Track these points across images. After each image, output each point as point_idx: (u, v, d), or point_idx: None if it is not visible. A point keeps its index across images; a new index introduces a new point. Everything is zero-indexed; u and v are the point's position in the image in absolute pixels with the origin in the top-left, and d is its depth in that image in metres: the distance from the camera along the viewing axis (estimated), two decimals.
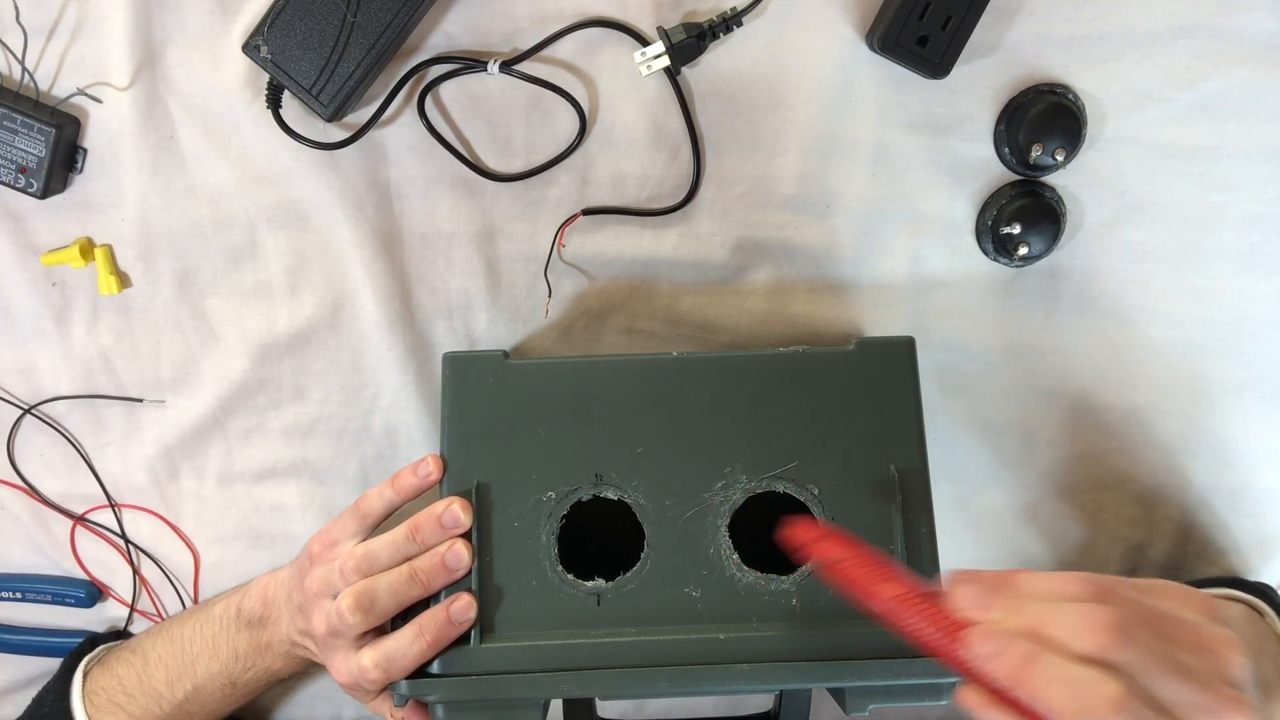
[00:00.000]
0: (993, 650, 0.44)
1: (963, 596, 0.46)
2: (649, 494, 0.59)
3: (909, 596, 0.47)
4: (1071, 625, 0.43)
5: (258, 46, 0.62)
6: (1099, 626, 0.42)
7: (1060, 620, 0.43)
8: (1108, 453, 0.72)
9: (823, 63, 0.65)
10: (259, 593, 0.68)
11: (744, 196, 0.67)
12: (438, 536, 0.59)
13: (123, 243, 0.68)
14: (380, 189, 0.67)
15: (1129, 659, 0.42)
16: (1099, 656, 0.42)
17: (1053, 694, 0.42)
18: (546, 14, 0.64)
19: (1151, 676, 0.42)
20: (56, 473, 0.73)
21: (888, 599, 0.48)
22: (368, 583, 0.59)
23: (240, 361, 0.70)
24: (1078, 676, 0.42)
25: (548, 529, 0.59)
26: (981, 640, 0.44)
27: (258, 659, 0.68)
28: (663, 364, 0.61)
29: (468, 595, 0.58)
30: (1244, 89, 0.65)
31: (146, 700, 0.68)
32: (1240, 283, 0.69)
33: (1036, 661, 0.42)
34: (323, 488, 0.73)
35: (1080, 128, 0.65)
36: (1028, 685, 0.42)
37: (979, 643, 0.44)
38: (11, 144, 0.64)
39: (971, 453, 0.72)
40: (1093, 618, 0.43)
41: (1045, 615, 0.44)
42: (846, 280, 0.69)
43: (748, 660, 0.56)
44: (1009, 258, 0.67)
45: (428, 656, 0.58)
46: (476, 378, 0.61)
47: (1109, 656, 0.42)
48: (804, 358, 0.61)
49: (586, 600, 0.58)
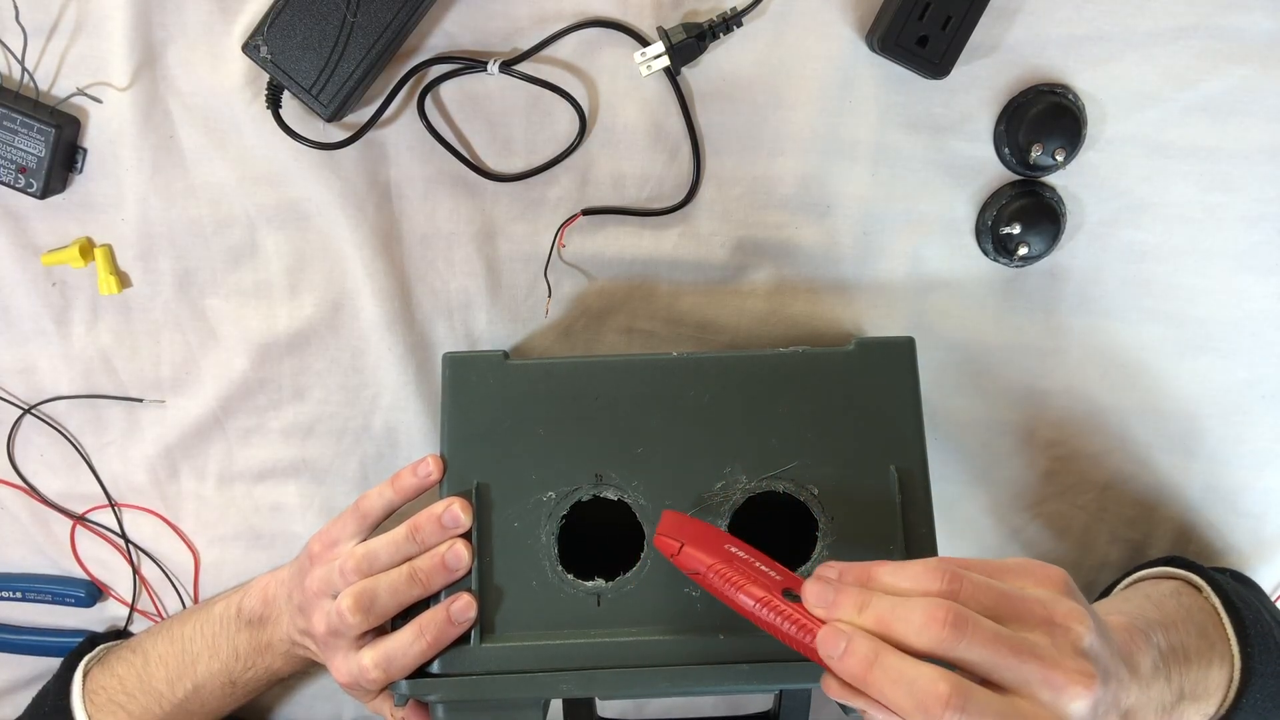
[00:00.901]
0: (838, 651, 0.45)
1: (811, 594, 0.48)
2: (649, 494, 0.59)
3: (766, 601, 0.48)
4: (912, 621, 0.44)
5: (258, 46, 0.62)
6: (937, 621, 0.44)
7: (902, 616, 0.45)
8: (1107, 453, 0.72)
9: (823, 63, 0.65)
10: (259, 592, 0.68)
11: (744, 196, 0.67)
12: (438, 536, 0.59)
13: (123, 243, 0.68)
14: (380, 189, 0.67)
15: (967, 651, 0.44)
16: (937, 652, 0.44)
17: (891, 695, 0.44)
18: (546, 14, 0.64)
19: (994, 663, 0.44)
20: (56, 473, 0.73)
21: (747, 607, 0.49)
22: (368, 583, 0.59)
23: (240, 361, 0.70)
24: (913, 676, 0.43)
25: (548, 529, 0.59)
26: (827, 640, 0.46)
27: (258, 658, 0.68)
28: (663, 364, 0.61)
29: (468, 595, 0.58)
30: (1244, 89, 0.65)
31: (146, 699, 0.68)
32: (1240, 283, 0.69)
33: (876, 662, 0.44)
34: (323, 488, 0.73)
35: (1080, 128, 0.65)
36: (870, 686, 0.44)
37: (825, 642, 0.46)
38: (11, 144, 0.64)
39: (971, 453, 0.72)
40: (931, 613, 0.44)
41: (889, 611, 0.45)
42: (846, 280, 0.69)
43: (747, 660, 0.56)
44: (1009, 258, 0.67)
45: (428, 656, 0.58)
46: (476, 378, 0.61)
47: (947, 651, 0.44)
48: (804, 358, 0.61)
49: (586, 600, 0.58)
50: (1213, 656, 0.59)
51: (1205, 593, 0.63)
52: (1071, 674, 0.44)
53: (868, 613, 0.46)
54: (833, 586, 0.47)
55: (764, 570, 0.50)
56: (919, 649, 0.44)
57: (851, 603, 0.47)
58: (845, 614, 0.46)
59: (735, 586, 0.49)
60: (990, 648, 0.44)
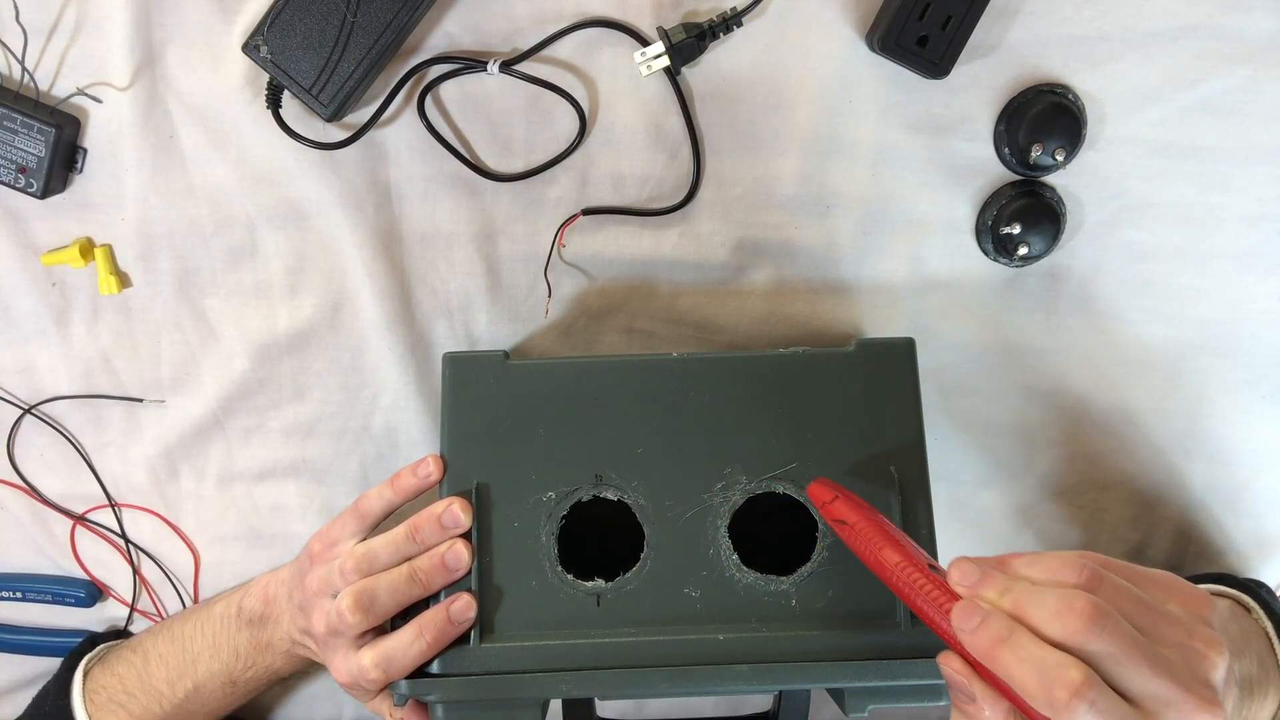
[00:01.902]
0: (971, 625, 0.45)
1: (956, 572, 0.48)
2: (649, 494, 0.59)
3: (909, 565, 0.50)
4: (1049, 609, 0.44)
5: (258, 46, 0.62)
6: (1074, 612, 0.43)
7: (1040, 602, 0.44)
8: (1107, 453, 0.72)
9: (823, 63, 0.65)
10: (260, 591, 0.68)
11: (744, 196, 0.67)
12: (437, 536, 0.59)
13: (123, 243, 0.68)
14: (380, 189, 0.67)
15: (1100, 648, 0.43)
16: (1069, 642, 0.43)
17: (1018, 673, 0.43)
18: (546, 14, 0.64)
19: (1123, 666, 0.43)
20: (56, 473, 0.73)
21: (889, 565, 0.50)
22: (367, 582, 0.59)
23: (240, 361, 0.70)
24: (1043, 657, 0.43)
25: (548, 529, 0.59)
26: (963, 614, 0.46)
27: (258, 657, 0.68)
28: (663, 365, 0.61)
29: (468, 595, 0.58)
30: (1244, 89, 0.65)
31: (147, 699, 0.68)
32: (1240, 283, 0.69)
33: (1007, 640, 0.44)
34: (323, 488, 0.73)
35: (1080, 128, 0.65)
36: (997, 662, 0.44)
37: (961, 616, 0.46)
38: (11, 144, 0.64)
39: (971, 453, 0.72)
40: (1070, 603, 0.44)
41: (1027, 597, 0.45)
42: (846, 280, 0.69)
43: (747, 661, 0.56)
44: (1009, 258, 0.67)
45: (427, 656, 0.58)
46: (476, 378, 0.61)
47: (1079, 643, 0.43)
48: (804, 359, 0.61)
49: (586, 601, 0.58)
50: (1268, 687, 0.57)
51: (1256, 614, 0.61)
52: (1201, 702, 0.43)
53: (1008, 596, 0.46)
54: (979, 568, 0.47)
55: (908, 543, 0.52)
56: (1050, 637, 0.43)
57: (995, 585, 0.46)
58: (987, 595, 0.46)
59: (880, 544, 0.51)
60: (1125, 651, 0.43)
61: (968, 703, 0.46)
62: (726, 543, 0.59)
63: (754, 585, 0.58)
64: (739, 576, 0.58)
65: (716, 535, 0.59)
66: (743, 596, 0.58)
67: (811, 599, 0.58)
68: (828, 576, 0.58)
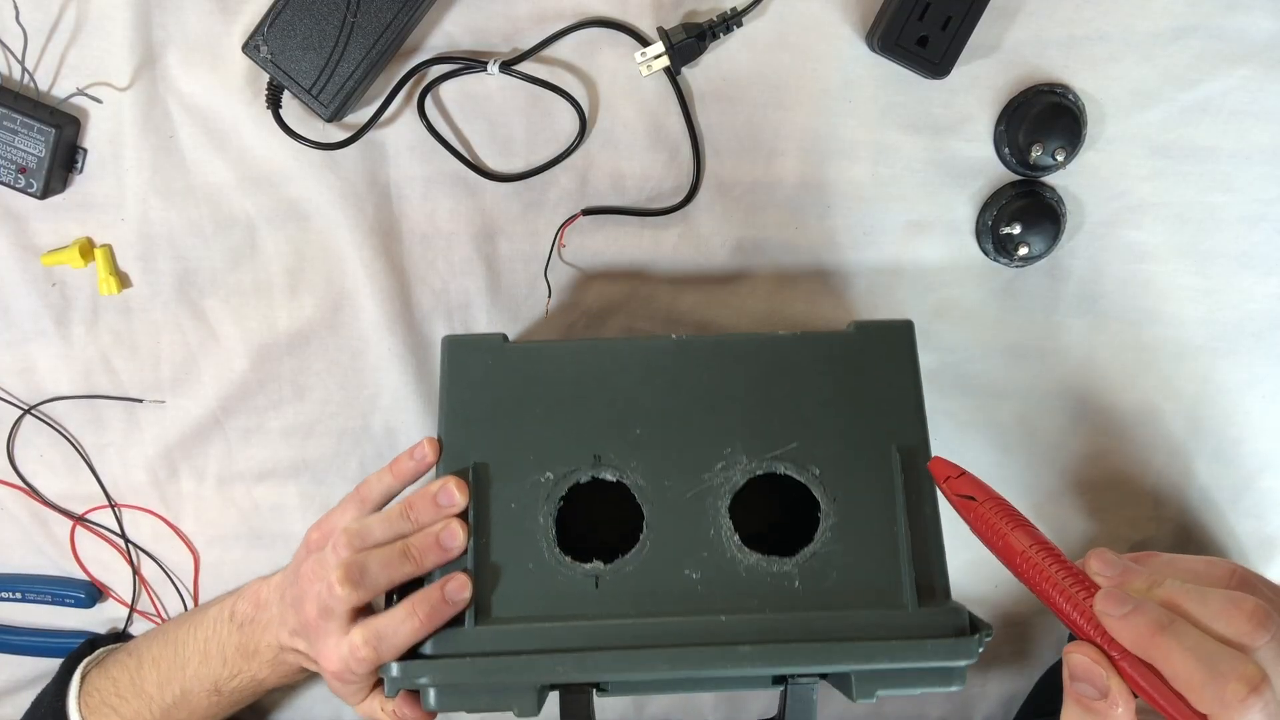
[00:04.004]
0: (1124, 611, 0.43)
1: (1099, 563, 0.46)
2: (648, 475, 0.58)
3: (1042, 549, 0.48)
4: (1213, 606, 0.42)
5: (258, 46, 0.62)
6: (1243, 612, 0.42)
7: (1202, 599, 0.43)
8: (1108, 453, 0.72)
9: (823, 63, 0.65)
10: (251, 595, 0.67)
11: (744, 196, 0.67)
12: (432, 515, 0.58)
13: (123, 243, 0.68)
14: (380, 189, 0.67)
15: (1265, 651, 0.41)
16: (1237, 640, 0.42)
17: (1181, 663, 0.41)
18: (546, 14, 0.64)
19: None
20: (56, 473, 0.73)
21: (1019, 548, 0.48)
22: (359, 555, 0.57)
23: (240, 361, 0.70)
24: (1213, 651, 0.41)
25: (545, 510, 0.58)
26: (1112, 599, 0.44)
27: (244, 664, 0.66)
28: (662, 347, 0.60)
29: (463, 575, 0.57)
30: (1244, 89, 0.65)
31: (138, 702, 0.67)
32: (1240, 283, 0.69)
33: (1169, 629, 0.42)
34: (323, 488, 0.73)
35: (1080, 128, 0.65)
36: (1155, 650, 0.42)
37: (1110, 601, 0.44)
38: (11, 144, 0.64)
39: (971, 453, 0.72)
40: (1238, 603, 0.42)
41: (1184, 593, 0.43)
42: (846, 281, 0.69)
43: (747, 642, 0.54)
44: (1009, 258, 0.67)
45: (420, 636, 0.55)
46: (475, 360, 0.60)
47: (1247, 643, 0.41)
48: (802, 340, 0.60)
49: (584, 582, 0.57)
50: None
51: None
52: None
53: (1160, 590, 0.44)
54: (1122, 561, 0.46)
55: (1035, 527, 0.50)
56: (1215, 633, 0.42)
57: (1142, 579, 0.45)
58: (1135, 586, 0.45)
59: (1011, 524, 0.49)
60: None
61: (1097, 698, 0.44)
62: (727, 523, 0.58)
63: (756, 566, 0.57)
64: (740, 557, 0.57)
65: (717, 516, 0.58)
66: (744, 578, 0.57)
67: (815, 580, 0.57)
68: (831, 557, 0.57)
